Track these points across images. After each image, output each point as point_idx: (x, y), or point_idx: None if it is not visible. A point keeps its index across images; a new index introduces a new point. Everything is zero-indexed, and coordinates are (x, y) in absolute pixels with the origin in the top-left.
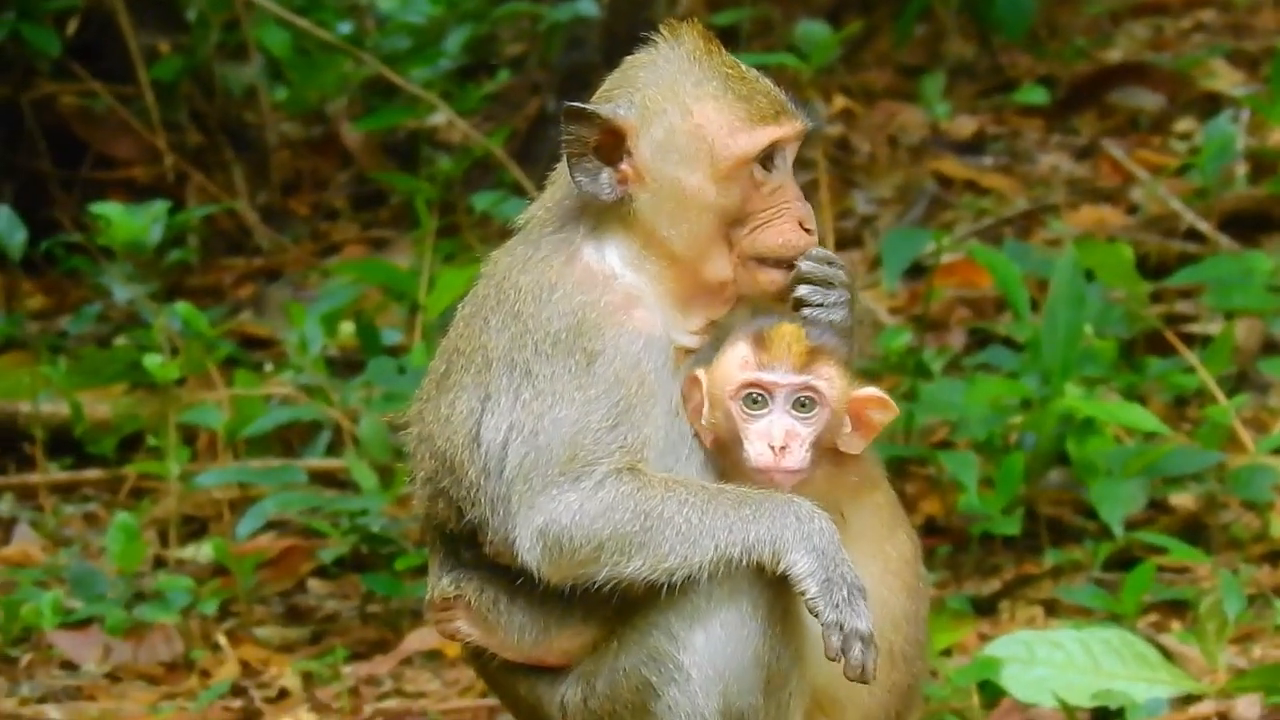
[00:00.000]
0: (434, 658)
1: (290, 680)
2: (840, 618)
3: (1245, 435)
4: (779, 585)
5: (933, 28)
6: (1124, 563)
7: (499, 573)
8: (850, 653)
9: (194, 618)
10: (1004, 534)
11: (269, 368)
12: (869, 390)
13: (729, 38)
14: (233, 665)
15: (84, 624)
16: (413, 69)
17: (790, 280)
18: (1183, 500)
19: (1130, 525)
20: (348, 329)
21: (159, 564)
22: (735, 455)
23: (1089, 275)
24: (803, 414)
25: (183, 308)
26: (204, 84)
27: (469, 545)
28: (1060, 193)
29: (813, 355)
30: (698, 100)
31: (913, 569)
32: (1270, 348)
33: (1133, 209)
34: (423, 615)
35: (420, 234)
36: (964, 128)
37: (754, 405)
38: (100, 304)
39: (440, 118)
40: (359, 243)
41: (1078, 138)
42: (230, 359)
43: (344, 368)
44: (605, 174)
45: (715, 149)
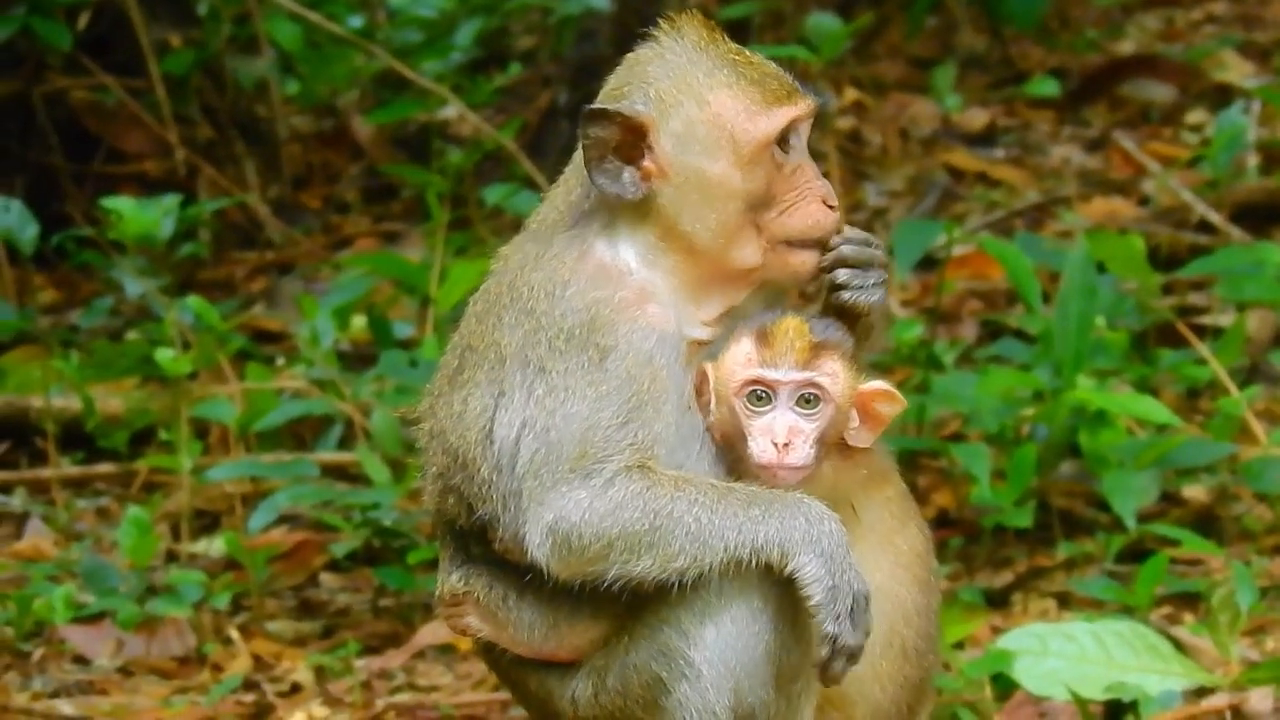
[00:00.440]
0: (446, 651)
1: (302, 674)
2: (838, 631)
3: (1257, 427)
4: (789, 581)
5: (944, 19)
6: (1136, 555)
7: (508, 569)
8: (833, 665)
9: (206, 612)
10: (1016, 526)
11: (281, 361)
12: (876, 384)
13: (740, 30)
14: (245, 659)
15: (96, 618)
16: (424, 62)
17: (829, 263)
18: (1195, 492)
19: (1142, 517)
20: (359, 322)
21: (171, 558)
22: (740, 452)
23: (1100, 267)
24: (807, 410)
25: (194, 301)
26: (215, 78)
27: (479, 541)
28: (1071, 185)
29: (816, 351)
30: (712, 89)
31: (924, 562)
32: None
33: (1144, 201)
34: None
35: (432, 227)
36: (975, 120)
37: (758, 402)
38: (112, 298)
39: (451, 111)
40: (370, 236)
41: (1089, 130)
42: (242, 353)
43: (356, 361)
44: (627, 173)
45: (736, 134)
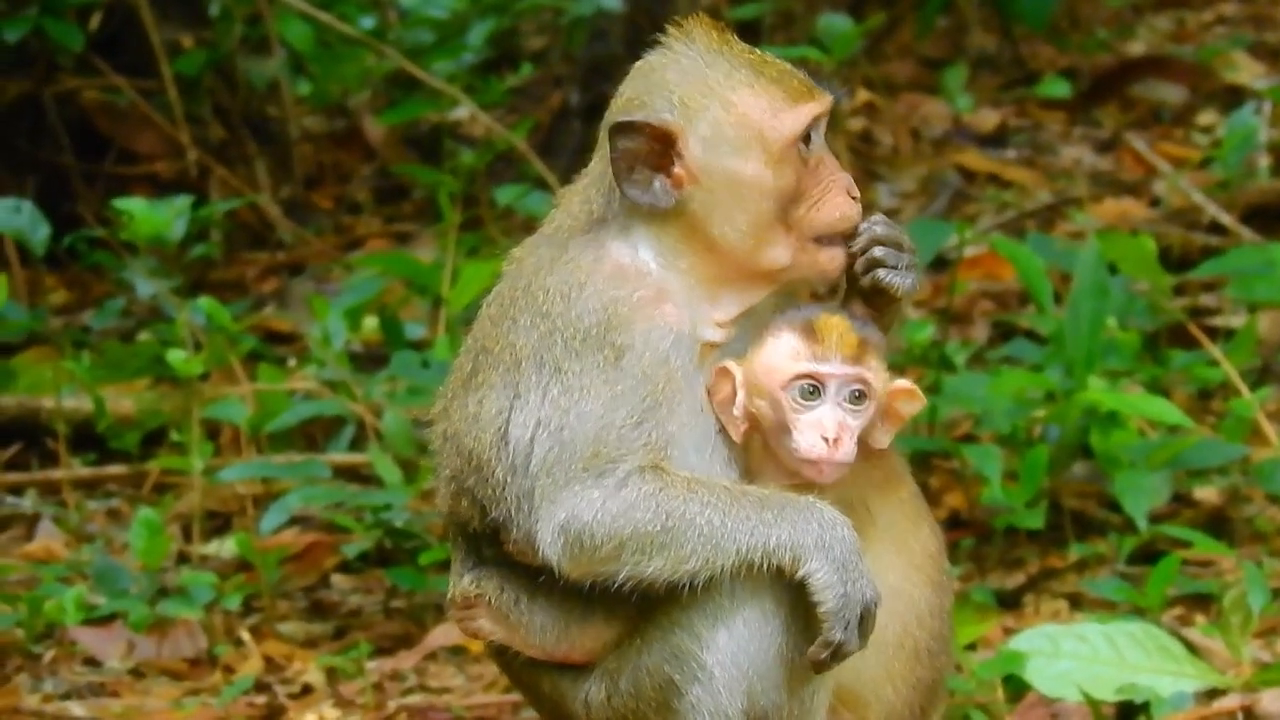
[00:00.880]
0: (458, 653)
1: (314, 676)
2: (843, 638)
3: (1269, 428)
4: (800, 585)
5: (955, 20)
6: (1148, 556)
7: (520, 571)
8: (827, 664)
9: (217, 613)
10: (1028, 527)
11: (292, 362)
12: (899, 382)
13: (751, 31)
14: (256, 661)
15: (107, 620)
16: (435, 62)
17: (864, 244)
18: (1207, 493)
19: (1154, 518)
20: (371, 323)
21: (182, 559)
22: (778, 445)
23: (1112, 268)
24: (854, 407)
25: (206, 302)
26: (226, 78)
27: (491, 544)
28: (1083, 185)
29: (862, 347)
30: (734, 90)
31: (937, 563)
32: None
33: (1155, 201)
34: (446, 611)
35: (443, 227)
36: (986, 120)
37: (808, 396)
38: (123, 299)
39: (463, 111)
40: (382, 236)
41: (1100, 130)
42: (253, 353)
43: (367, 362)
44: (658, 181)
45: (765, 133)
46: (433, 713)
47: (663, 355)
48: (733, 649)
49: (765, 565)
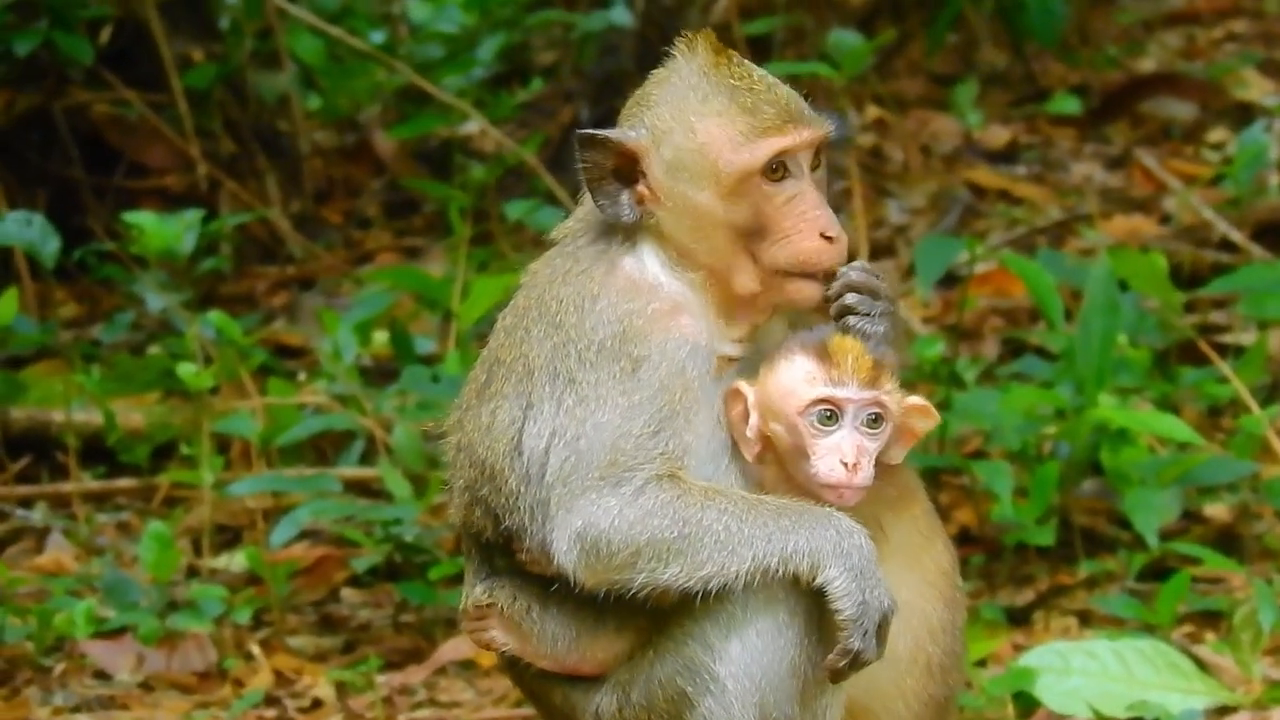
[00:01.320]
0: (468, 667)
1: (324, 690)
2: (861, 647)
3: (1279, 445)
4: (815, 595)
5: (965, 36)
6: (1158, 573)
7: (533, 581)
8: (844, 673)
9: (227, 627)
10: (1038, 544)
11: (302, 376)
12: (913, 399)
13: (761, 46)
14: (266, 674)
15: (117, 633)
16: (446, 77)
17: (839, 288)
18: (1217, 510)
19: (1164, 535)
20: (381, 337)
21: (192, 573)
22: (795, 469)
23: (1122, 285)
24: (871, 430)
25: (216, 316)
26: (237, 92)
27: (504, 554)
28: (1093, 202)
29: (877, 369)
30: (702, 117)
31: (950, 580)
32: None
33: (1166, 218)
34: (457, 624)
35: (453, 242)
36: (997, 137)
37: (826, 422)
38: (133, 312)
39: (473, 126)
40: (392, 251)
41: (1110, 147)
42: (263, 367)
43: (377, 376)
44: (624, 196)
45: (719, 165)
46: None
47: (679, 366)
48: (745, 661)
49: (782, 572)
